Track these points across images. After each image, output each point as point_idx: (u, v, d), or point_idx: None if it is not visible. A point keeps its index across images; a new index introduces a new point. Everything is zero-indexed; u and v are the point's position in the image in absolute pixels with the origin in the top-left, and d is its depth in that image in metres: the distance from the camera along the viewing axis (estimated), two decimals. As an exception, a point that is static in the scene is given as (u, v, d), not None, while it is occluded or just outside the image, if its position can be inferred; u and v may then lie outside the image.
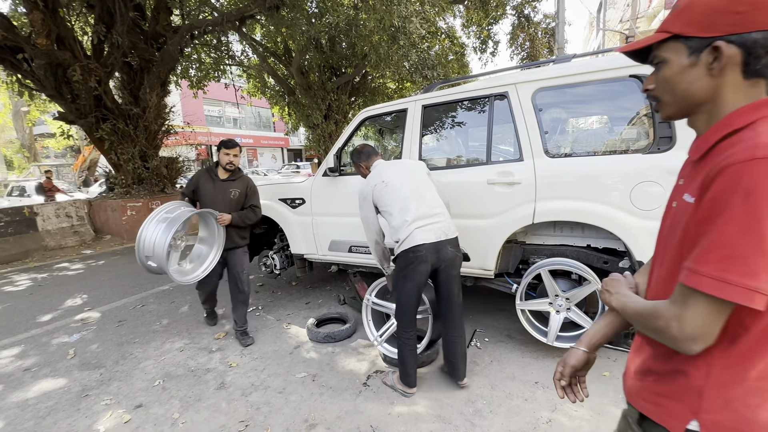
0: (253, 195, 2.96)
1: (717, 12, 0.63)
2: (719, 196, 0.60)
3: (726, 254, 0.58)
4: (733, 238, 0.57)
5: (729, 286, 0.57)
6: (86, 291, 4.48)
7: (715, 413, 0.65)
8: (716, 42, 0.63)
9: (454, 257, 2.11)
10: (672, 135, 2.08)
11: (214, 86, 12.19)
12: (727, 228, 0.58)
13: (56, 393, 2.39)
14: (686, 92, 0.70)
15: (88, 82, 6.76)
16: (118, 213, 7.51)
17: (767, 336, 0.61)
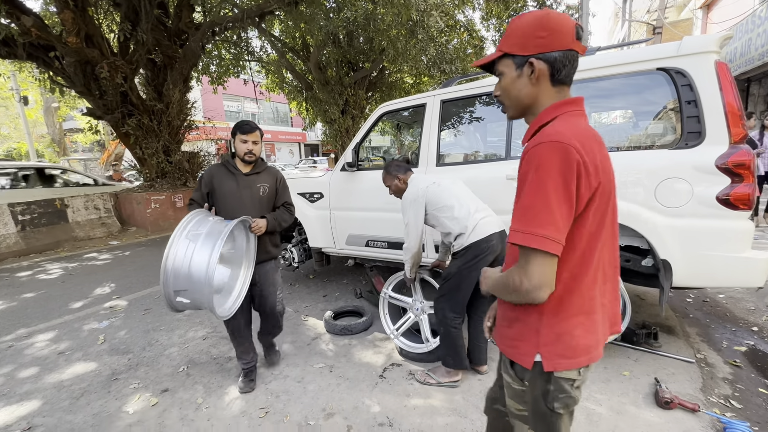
0: (284, 190, 2.34)
1: (527, 37, 0.85)
2: (523, 172, 0.82)
3: (526, 213, 0.80)
4: (530, 200, 0.79)
5: (529, 236, 0.78)
6: (114, 280, 4.67)
7: (550, 346, 0.88)
8: (531, 58, 0.85)
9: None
10: (701, 130, 2.01)
11: (233, 82, 12.39)
12: (526, 194, 0.80)
13: (88, 376, 2.52)
14: (517, 97, 0.91)
15: (114, 79, 6.99)
16: (142, 206, 7.77)
17: (575, 280, 0.85)
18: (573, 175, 0.77)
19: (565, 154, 0.77)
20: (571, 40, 0.85)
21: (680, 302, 3.26)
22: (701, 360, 2.36)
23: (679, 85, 2.06)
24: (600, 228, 0.85)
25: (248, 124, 2.15)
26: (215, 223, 1.91)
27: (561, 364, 0.87)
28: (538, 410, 0.93)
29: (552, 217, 0.77)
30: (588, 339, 0.89)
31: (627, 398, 2.02)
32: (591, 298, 0.89)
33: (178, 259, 1.76)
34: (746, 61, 9.01)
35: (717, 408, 1.91)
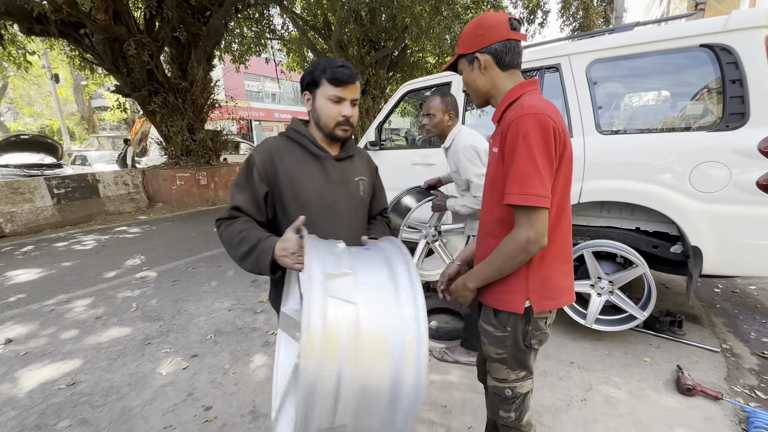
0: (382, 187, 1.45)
1: (470, 37, 1.06)
2: (511, 142, 0.95)
3: (521, 178, 0.93)
4: (522, 166, 0.93)
5: (528, 196, 0.92)
6: (143, 252, 4.88)
7: (536, 291, 1.04)
8: (476, 54, 1.06)
9: None
10: (745, 111, 1.91)
11: (255, 62, 12.40)
12: (517, 161, 0.94)
13: (124, 339, 2.68)
14: (475, 87, 1.10)
15: (141, 56, 7.11)
16: (168, 182, 8.01)
17: (552, 231, 1.00)
18: (551, 139, 0.93)
19: (544, 123, 0.93)
20: (506, 32, 1.02)
21: (707, 292, 3.17)
22: (726, 350, 2.31)
23: (723, 63, 1.94)
24: (566, 187, 1.03)
25: (344, 67, 1.11)
26: (379, 248, 0.98)
27: (547, 305, 1.05)
28: (518, 349, 1.10)
29: (541, 178, 0.93)
30: (566, 282, 1.09)
31: (647, 383, 2.01)
32: (566, 248, 1.09)
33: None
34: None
35: (741, 398, 1.88)
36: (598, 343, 2.41)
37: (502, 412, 1.16)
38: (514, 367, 1.11)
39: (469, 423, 1.76)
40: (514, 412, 1.14)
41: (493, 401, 1.19)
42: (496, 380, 1.16)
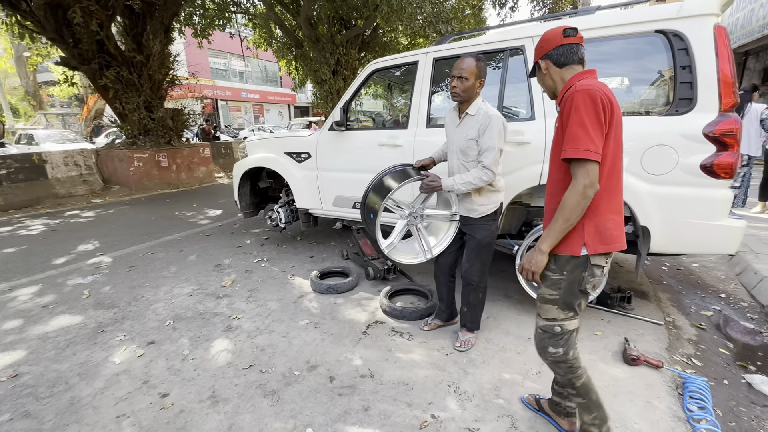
0: None
1: (536, 51, 1.40)
2: (566, 113, 1.22)
3: (574, 138, 1.18)
4: (575, 130, 1.18)
5: (580, 151, 1.17)
6: (97, 237, 4.61)
7: (590, 235, 1.25)
8: (538, 61, 1.40)
9: None
10: (693, 97, 1.99)
11: (220, 37, 11.73)
12: (571, 126, 1.19)
13: (74, 328, 2.53)
14: (544, 84, 1.43)
15: (89, 26, 6.54)
16: (125, 163, 7.55)
17: (605, 185, 1.23)
18: (600, 108, 1.16)
19: (592, 94, 1.17)
20: (560, 40, 1.33)
21: (655, 270, 3.38)
22: (669, 323, 2.48)
23: (675, 49, 2.01)
24: (617, 151, 1.25)
25: None
26: None
27: (600, 249, 1.25)
28: (571, 293, 1.30)
29: (591, 138, 1.16)
30: (618, 231, 1.28)
31: (597, 356, 2.12)
32: (618, 202, 1.29)
33: None
34: (746, 33, 8.85)
35: (679, 365, 2.04)
36: (555, 319, 2.51)
37: (551, 348, 1.36)
38: (565, 308, 1.32)
39: (429, 399, 1.80)
40: (562, 347, 1.35)
41: (542, 339, 1.39)
42: (545, 319, 1.37)
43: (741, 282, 3.08)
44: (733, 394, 1.84)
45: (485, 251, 2.11)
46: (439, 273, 2.34)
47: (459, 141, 2.02)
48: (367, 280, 3.19)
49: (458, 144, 2.03)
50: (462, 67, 1.91)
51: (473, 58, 1.92)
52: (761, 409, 1.74)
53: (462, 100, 1.98)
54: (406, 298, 2.87)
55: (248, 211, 4.15)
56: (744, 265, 3.17)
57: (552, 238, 1.26)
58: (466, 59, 1.93)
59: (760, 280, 2.83)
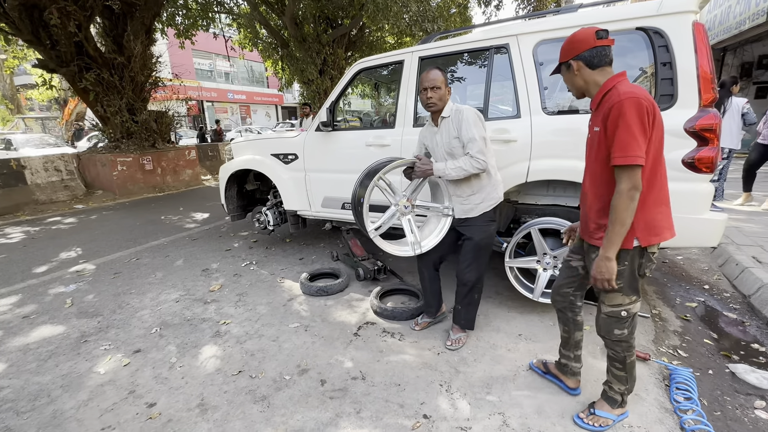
0: None
1: (566, 50, 1.45)
2: (613, 120, 1.30)
3: (622, 146, 1.27)
4: (623, 138, 1.27)
5: (629, 157, 1.26)
6: (80, 244, 4.49)
7: (640, 230, 1.37)
8: (570, 61, 1.44)
9: None
10: (674, 93, 2.03)
11: (204, 38, 11.56)
12: (619, 134, 1.28)
13: (56, 339, 2.46)
14: (573, 84, 1.49)
15: (66, 27, 6.37)
16: (108, 168, 7.38)
17: (650, 182, 1.35)
18: (644, 115, 1.27)
19: (637, 103, 1.26)
20: (593, 41, 1.37)
21: (642, 263, 3.44)
22: (656, 315, 2.52)
23: (656, 46, 2.04)
24: (659, 149, 1.35)
25: None
26: None
27: (653, 240, 1.38)
28: (633, 278, 1.44)
29: (639, 144, 1.26)
30: (666, 222, 1.42)
31: (585, 350, 2.14)
32: (664, 196, 1.41)
33: None
34: (724, 30, 9.07)
35: (665, 357, 2.07)
36: (545, 315, 2.54)
37: (617, 330, 1.51)
38: (629, 293, 1.46)
39: (422, 399, 1.80)
40: (627, 328, 1.50)
41: (608, 323, 1.52)
42: (611, 306, 1.49)
43: (723, 273, 3.15)
44: (717, 383, 1.88)
45: (484, 253, 2.13)
46: (424, 268, 2.33)
47: (443, 145, 2.06)
48: (358, 281, 3.17)
49: (443, 148, 2.07)
50: (433, 78, 1.99)
51: (437, 68, 2.02)
52: (745, 397, 1.78)
53: (438, 108, 2.04)
54: (397, 298, 2.86)
55: (236, 214, 4.09)
56: (726, 256, 3.24)
57: (615, 243, 1.35)
58: (432, 71, 2.01)
59: (742, 271, 2.90)
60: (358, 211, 2.11)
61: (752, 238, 3.52)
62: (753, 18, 7.66)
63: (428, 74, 2.01)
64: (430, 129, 2.17)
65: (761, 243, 3.39)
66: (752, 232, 3.70)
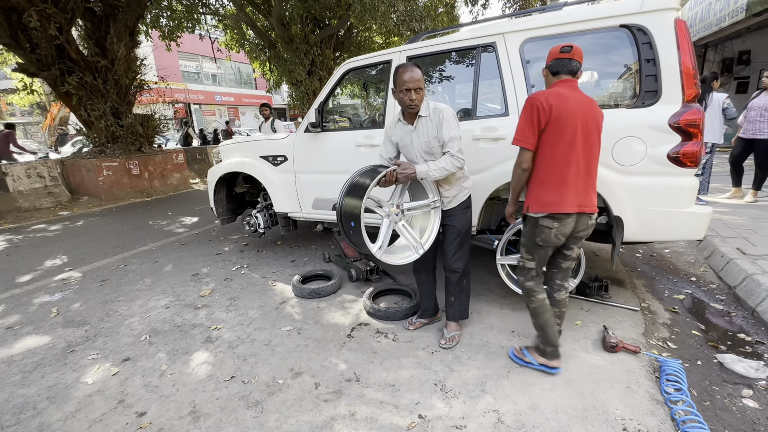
0: None
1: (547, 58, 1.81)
2: None
3: (516, 131, 1.74)
4: (518, 125, 1.73)
5: (515, 139, 1.74)
6: (65, 252, 4.40)
7: (531, 201, 1.77)
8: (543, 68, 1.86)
9: None
10: (658, 89, 2.06)
11: (190, 39, 11.41)
12: (518, 122, 1.73)
13: (41, 349, 2.40)
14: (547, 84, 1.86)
15: (47, 30, 6.23)
16: (93, 173, 7.24)
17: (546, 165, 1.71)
18: (534, 112, 1.66)
19: (532, 102, 1.67)
20: (557, 54, 1.74)
21: (630, 257, 3.49)
22: (645, 308, 2.56)
23: (640, 43, 2.07)
24: (557, 141, 1.67)
25: None
26: None
27: (537, 210, 1.74)
28: (530, 241, 1.83)
29: (524, 132, 1.70)
30: (551, 198, 1.71)
31: (577, 345, 2.17)
32: (560, 180, 1.69)
33: None
34: (705, 27, 9.26)
35: (655, 349, 2.10)
36: (536, 311, 2.55)
37: (520, 276, 1.93)
38: (525, 252, 1.88)
39: (416, 399, 1.80)
40: (522, 276, 1.92)
41: (518, 270, 1.96)
42: (520, 257, 1.93)
43: (709, 265, 3.21)
44: (706, 373, 1.91)
45: (467, 238, 2.21)
46: (422, 269, 2.34)
47: (421, 144, 2.05)
48: (350, 282, 3.16)
49: (421, 147, 2.06)
50: (417, 79, 1.93)
51: (416, 66, 1.97)
52: (732, 386, 1.81)
53: (418, 109, 2.01)
54: (390, 298, 2.86)
55: (225, 218, 4.04)
56: (711, 248, 3.31)
57: (511, 200, 1.91)
58: (414, 70, 1.93)
59: (727, 263, 2.95)
60: (354, 229, 1.95)
61: (736, 230, 3.60)
62: (732, 15, 7.84)
63: (411, 74, 1.91)
64: (402, 128, 2.12)
65: (745, 235, 3.46)
66: (736, 224, 3.78)
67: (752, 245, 3.19)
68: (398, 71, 1.96)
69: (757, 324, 2.31)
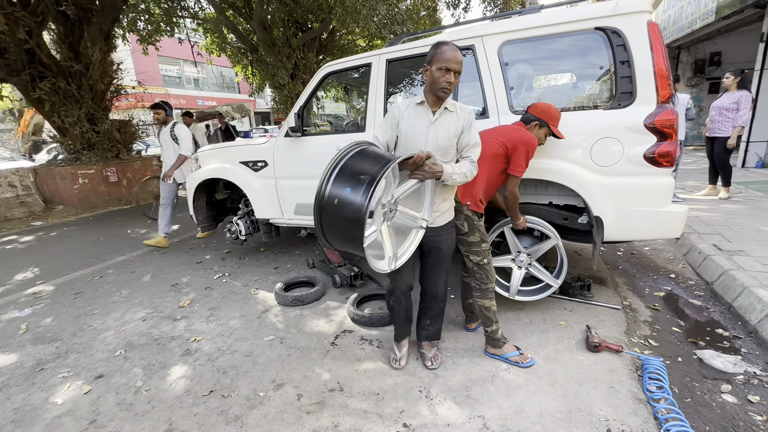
0: None
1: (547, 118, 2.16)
2: None
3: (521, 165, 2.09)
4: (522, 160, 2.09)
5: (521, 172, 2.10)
6: (38, 264, 4.22)
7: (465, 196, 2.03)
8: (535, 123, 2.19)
9: None
10: (633, 90, 2.08)
11: (170, 43, 11.18)
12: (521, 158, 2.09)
13: (8, 369, 2.28)
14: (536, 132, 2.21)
15: (15, 34, 6.00)
16: (68, 181, 6.99)
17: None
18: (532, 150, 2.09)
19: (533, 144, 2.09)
20: None
21: (611, 256, 3.54)
22: (627, 306, 2.59)
23: (614, 45, 2.09)
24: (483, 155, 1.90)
25: None
26: None
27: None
28: None
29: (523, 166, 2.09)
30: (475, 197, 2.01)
31: (562, 345, 2.17)
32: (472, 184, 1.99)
33: None
34: (678, 29, 9.55)
35: (637, 347, 2.12)
36: (521, 312, 2.56)
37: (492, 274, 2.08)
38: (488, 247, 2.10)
39: (401, 408, 1.76)
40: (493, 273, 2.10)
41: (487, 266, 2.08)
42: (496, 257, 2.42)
43: (687, 262, 3.28)
44: (687, 370, 1.93)
45: (449, 261, 1.99)
46: (401, 294, 2.00)
47: (438, 139, 1.73)
48: (335, 288, 3.11)
49: (437, 142, 1.73)
50: (460, 61, 1.64)
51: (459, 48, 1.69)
52: (712, 382, 1.84)
53: (449, 95, 1.73)
54: (375, 303, 2.82)
55: (206, 225, 3.95)
56: (689, 245, 3.38)
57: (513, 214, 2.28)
58: (457, 51, 1.64)
59: (704, 259, 3.02)
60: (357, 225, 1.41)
61: (712, 227, 3.69)
62: (703, 17, 8.10)
63: (455, 53, 1.63)
64: (420, 113, 1.75)
65: (720, 231, 3.55)
66: (712, 221, 3.88)
67: (727, 241, 3.27)
68: (440, 47, 1.65)
69: (734, 319, 2.36)
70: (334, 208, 1.49)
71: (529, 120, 2.14)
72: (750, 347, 2.08)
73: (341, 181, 1.50)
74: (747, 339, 2.15)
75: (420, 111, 1.77)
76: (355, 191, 1.44)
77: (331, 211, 1.51)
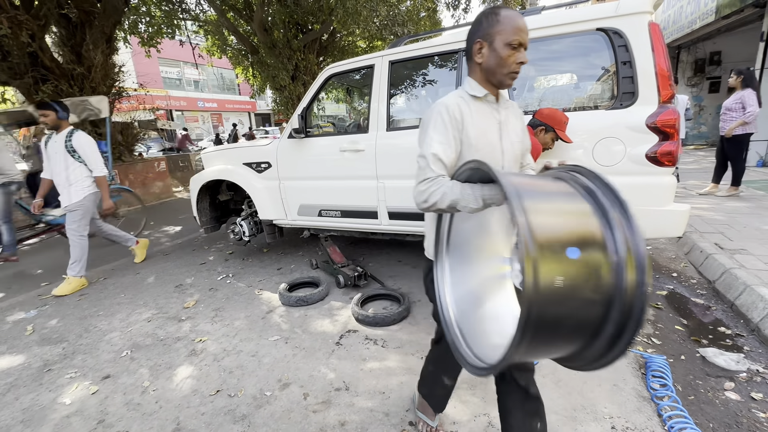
0: None
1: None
2: None
3: None
4: None
5: None
6: (41, 266, 4.24)
7: None
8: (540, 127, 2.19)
9: None
10: (634, 90, 2.10)
11: (170, 45, 11.20)
12: None
13: (15, 370, 2.30)
14: None
15: (18, 37, 6.02)
16: (71, 184, 7.00)
17: None
18: None
19: None
20: None
21: (614, 255, 3.55)
22: (629, 305, 2.60)
23: (616, 46, 2.11)
24: None
25: None
26: None
27: None
28: None
29: None
30: None
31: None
32: None
33: None
34: (678, 29, 9.57)
35: (640, 346, 2.13)
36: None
37: None
38: None
39: (407, 406, 1.78)
40: None
41: None
42: None
43: (689, 260, 3.29)
44: (690, 368, 1.95)
45: None
46: None
47: (513, 147, 1.23)
48: (338, 288, 3.13)
49: (512, 151, 1.23)
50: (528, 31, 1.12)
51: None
52: (715, 380, 1.85)
53: None
54: (379, 303, 2.84)
55: (209, 226, 3.96)
56: (691, 244, 3.39)
57: None
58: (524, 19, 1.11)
59: (706, 258, 3.03)
60: None
61: (714, 226, 3.70)
62: (703, 17, 8.12)
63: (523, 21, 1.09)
64: (485, 113, 1.18)
65: (722, 230, 3.57)
66: (713, 220, 3.89)
67: (729, 240, 3.28)
68: (500, 14, 1.10)
69: (736, 317, 2.37)
70: None
71: (535, 125, 2.16)
72: (752, 345, 2.09)
73: None
74: (749, 337, 2.17)
75: (482, 108, 1.19)
76: None
77: None
